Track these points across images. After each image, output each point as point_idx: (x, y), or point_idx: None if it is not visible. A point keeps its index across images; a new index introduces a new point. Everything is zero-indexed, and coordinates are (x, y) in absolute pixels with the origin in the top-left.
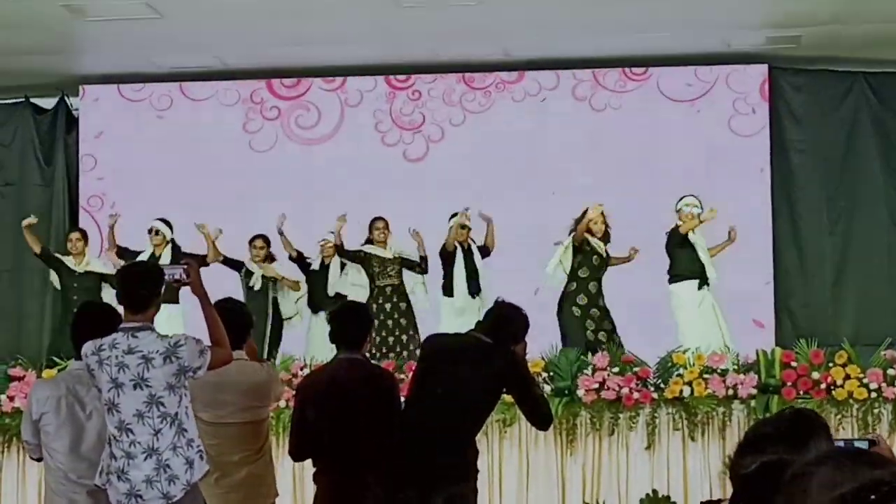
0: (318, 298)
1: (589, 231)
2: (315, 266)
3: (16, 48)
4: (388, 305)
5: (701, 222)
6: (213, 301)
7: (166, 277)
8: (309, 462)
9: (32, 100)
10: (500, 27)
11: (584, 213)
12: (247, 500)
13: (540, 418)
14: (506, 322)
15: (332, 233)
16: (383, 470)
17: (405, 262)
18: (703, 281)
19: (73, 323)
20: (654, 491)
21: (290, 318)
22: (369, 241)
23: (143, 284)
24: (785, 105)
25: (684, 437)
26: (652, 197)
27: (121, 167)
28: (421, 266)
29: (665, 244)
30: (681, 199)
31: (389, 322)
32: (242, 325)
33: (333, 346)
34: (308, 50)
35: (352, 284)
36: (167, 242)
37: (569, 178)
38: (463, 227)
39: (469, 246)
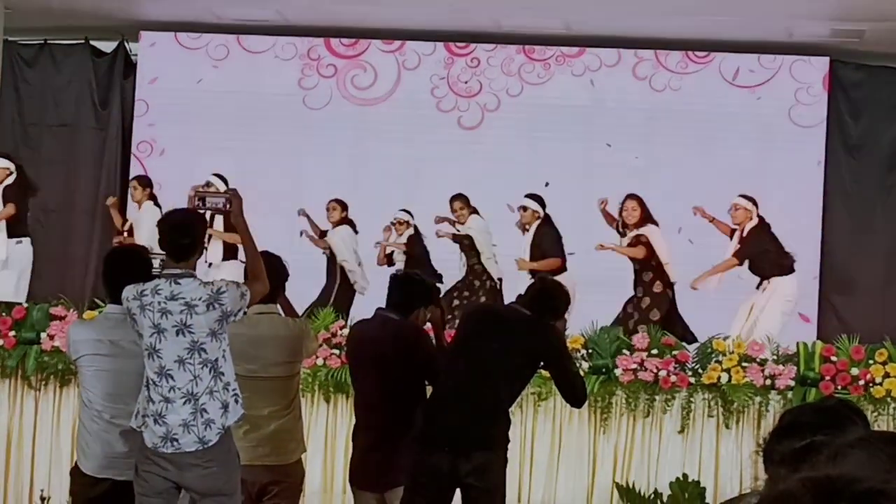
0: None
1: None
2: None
3: None
4: (476, 283)
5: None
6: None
7: (208, 205)
8: (340, 419)
9: (92, 42)
10: (564, 1)
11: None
12: (275, 454)
13: (574, 396)
14: (548, 297)
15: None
16: (414, 432)
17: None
18: None
19: (105, 267)
20: (685, 475)
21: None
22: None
23: (185, 234)
24: (844, 99)
25: (719, 423)
26: (705, 180)
27: (172, 114)
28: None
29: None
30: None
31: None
32: (278, 278)
33: None
34: (369, 10)
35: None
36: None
37: (622, 157)
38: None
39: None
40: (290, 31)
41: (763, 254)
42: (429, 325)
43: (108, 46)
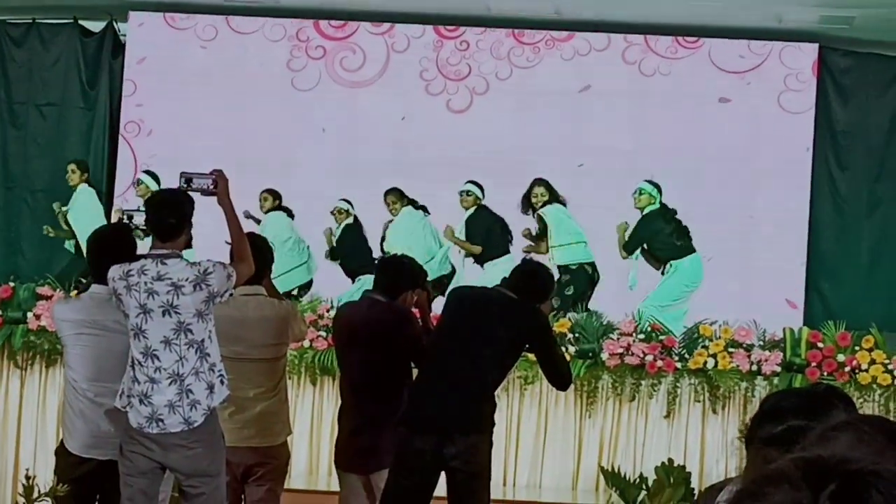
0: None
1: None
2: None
3: None
4: None
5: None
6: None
7: (194, 186)
8: (326, 402)
9: (81, 22)
10: None
11: None
12: (260, 436)
13: (560, 379)
14: (532, 280)
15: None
16: (400, 414)
17: None
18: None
19: (90, 247)
20: (670, 460)
21: None
22: None
23: (172, 214)
24: (833, 85)
25: (704, 408)
26: (694, 165)
27: (160, 95)
28: None
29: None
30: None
31: None
32: (263, 260)
33: None
34: None
35: None
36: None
37: (611, 142)
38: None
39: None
40: (279, 13)
41: (656, 236)
42: (416, 308)
43: (96, 26)
